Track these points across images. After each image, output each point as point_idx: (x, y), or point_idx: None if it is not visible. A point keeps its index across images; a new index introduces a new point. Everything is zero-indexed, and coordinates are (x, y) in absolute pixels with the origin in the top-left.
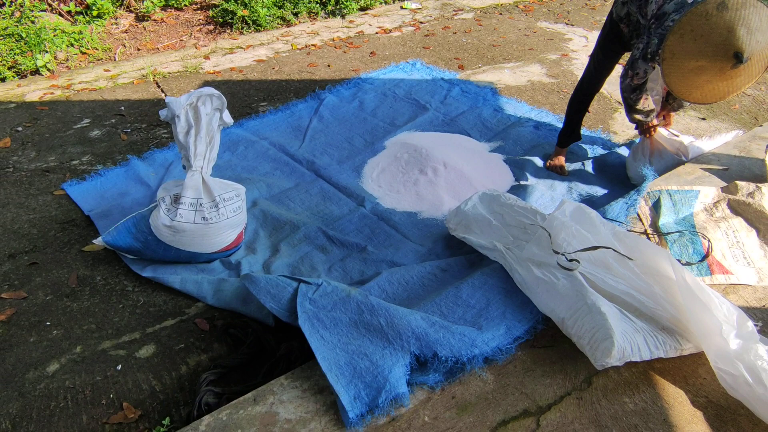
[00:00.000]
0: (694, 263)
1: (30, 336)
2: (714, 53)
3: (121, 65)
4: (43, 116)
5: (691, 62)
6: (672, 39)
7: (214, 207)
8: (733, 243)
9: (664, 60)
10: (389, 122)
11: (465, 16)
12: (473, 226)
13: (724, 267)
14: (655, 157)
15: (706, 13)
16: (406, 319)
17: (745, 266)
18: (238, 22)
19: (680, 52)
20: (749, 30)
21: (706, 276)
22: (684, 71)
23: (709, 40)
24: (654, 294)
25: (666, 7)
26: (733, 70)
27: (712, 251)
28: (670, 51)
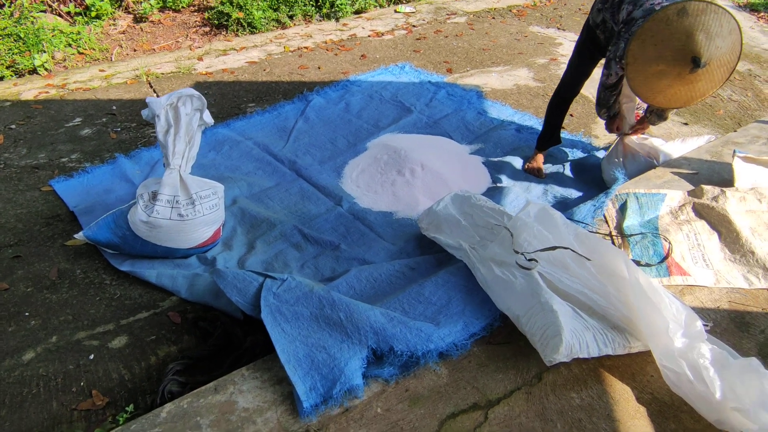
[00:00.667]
0: (654, 264)
1: (9, 326)
2: (673, 58)
3: (116, 65)
4: (37, 114)
5: (652, 66)
6: (634, 44)
7: (191, 204)
8: (694, 245)
9: (627, 64)
10: (373, 124)
11: (458, 20)
12: (444, 226)
13: (682, 268)
14: (628, 160)
15: (667, 18)
16: (366, 314)
17: (703, 268)
18: (233, 24)
19: (642, 56)
20: (708, 35)
21: (665, 277)
22: (646, 75)
23: (669, 45)
24: (607, 293)
25: (635, 13)
26: (692, 75)
27: (672, 253)
28: (633, 55)
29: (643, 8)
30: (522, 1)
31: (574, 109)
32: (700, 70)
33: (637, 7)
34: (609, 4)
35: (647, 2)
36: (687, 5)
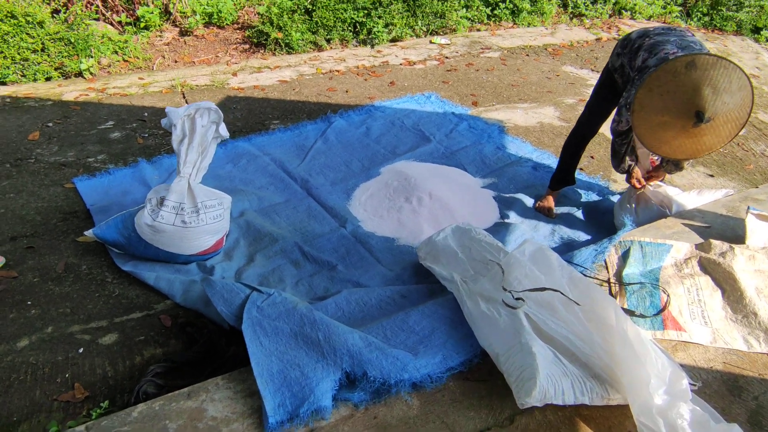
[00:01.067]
0: (648, 316)
1: (11, 312)
2: (678, 110)
3: (155, 75)
4: (74, 115)
5: (657, 116)
6: (641, 92)
7: (195, 212)
8: (694, 301)
9: (633, 112)
10: (390, 150)
11: (491, 54)
12: (441, 256)
13: (678, 323)
14: (641, 207)
15: (675, 70)
16: (344, 337)
17: (701, 325)
18: (271, 43)
19: (648, 105)
20: (715, 91)
21: (659, 330)
22: (651, 125)
23: (675, 97)
24: (592, 341)
25: (649, 61)
26: (696, 129)
27: (669, 306)
28: (639, 103)
29: (657, 57)
30: (559, 41)
31: (596, 151)
32: (705, 125)
33: (652, 55)
34: (628, 49)
35: (662, 51)
36: (696, 58)
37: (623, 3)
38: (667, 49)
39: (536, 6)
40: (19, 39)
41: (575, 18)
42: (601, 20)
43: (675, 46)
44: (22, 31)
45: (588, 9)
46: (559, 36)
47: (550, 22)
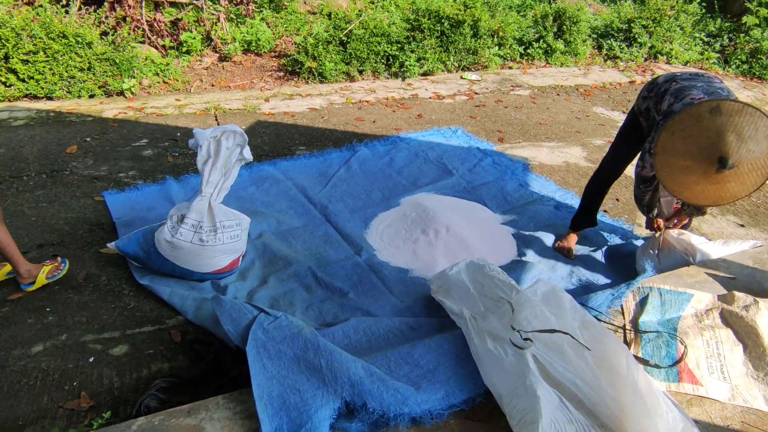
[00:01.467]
0: (663, 367)
1: (29, 318)
2: (700, 155)
3: (192, 97)
4: (111, 131)
5: (679, 161)
6: (664, 135)
7: (213, 231)
8: (713, 354)
9: (655, 154)
10: (412, 182)
11: (521, 92)
12: (453, 291)
13: (695, 377)
14: (664, 254)
15: (699, 114)
16: (346, 365)
17: (719, 380)
18: (305, 72)
19: (670, 149)
20: (740, 137)
21: (674, 382)
22: (673, 168)
23: (697, 142)
24: (600, 388)
25: (675, 106)
26: (719, 175)
27: (686, 358)
28: (662, 146)
29: (683, 102)
30: (591, 82)
31: (622, 194)
32: (728, 172)
33: (678, 100)
34: (654, 93)
35: (688, 96)
36: (722, 104)
37: (659, 47)
38: (693, 95)
39: (570, 47)
40: (68, 57)
41: (609, 60)
42: (636, 63)
43: (701, 91)
44: (71, 50)
45: (623, 52)
46: (592, 77)
47: (584, 63)
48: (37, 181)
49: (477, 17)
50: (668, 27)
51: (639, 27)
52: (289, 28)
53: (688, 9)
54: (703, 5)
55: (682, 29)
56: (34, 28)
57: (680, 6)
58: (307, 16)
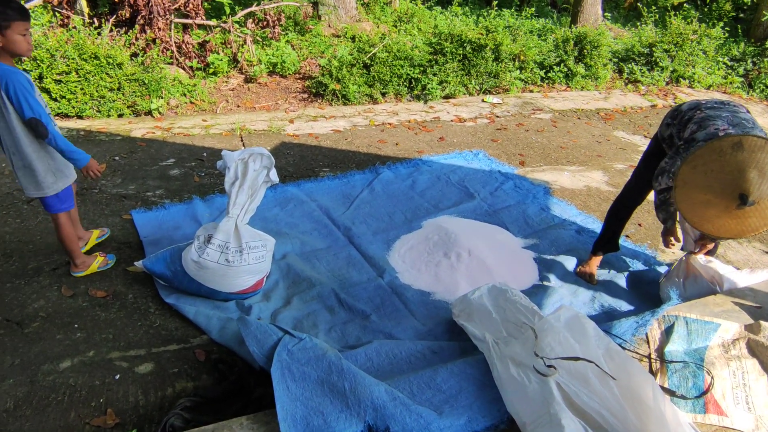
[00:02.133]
0: (690, 398)
1: (58, 333)
2: (721, 190)
3: (218, 118)
4: (139, 151)
5: (700, 195)
6: (685, 168)
7: (239, 252)
8: (739, 384)
9: (676, 186)
10: (434, 204)
11: (542, 116)
12: (475, 315)
13: (720, 408)
14: (689, 282)
15: (721, 149)
16: (370, 389)
17: (744, 411)
18: (329, 94)
19: (691, 182)
20: (762, 174)
21: (700, 414)
22: (694, 202)
23: (718, 177)
24: (627, 419)
25: (698, 134)
26: (739, 211)
27: (713, 389)
28: (683, 180)
29: (706, 131)
30: (612, 106)
31: (644, 219)
32: (750, 208)
33: (702, 129)
34: (678, 120)
35: (712, 126)
36: (744, 139)
37: (681, 71)
38: (717, 125)
39: (591, 71)
40: (99, 78)
41: (630, 84)
42: (658, 87)
43: (726, 122)
44: (102, 70)
45: (644, 76)
46: (613, 101)
47: (604, 87)
48: None
49: (498, 41)
50: (690, 51)
51: (660, 51)
52: (314, 51)
53: (711, 33)
54: (727, 29)
55: (705, 53)
56: (68, 49)
57: (703, 30)
58: (332, 39)
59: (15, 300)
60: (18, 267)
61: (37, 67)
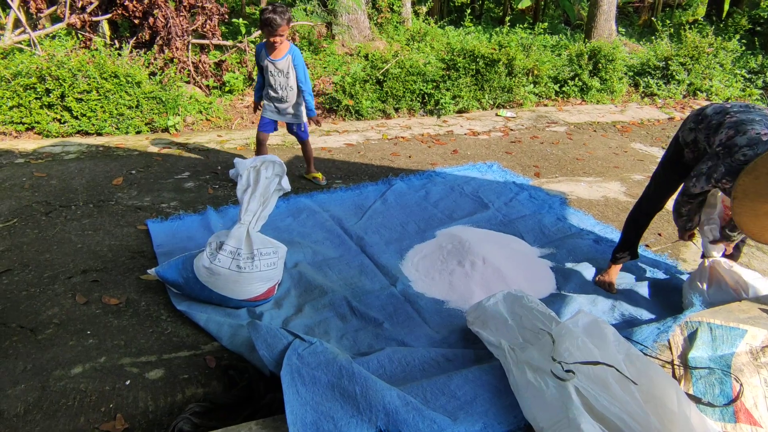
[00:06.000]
0: (718, 406)
1: (71, 339)
2: None
3: (233, 133)
4: (155, 165)
5: (765, 205)
6: (746, 179)
7: (250, 259)
8: None
9: (735, 198)
10: (448, 215)
11: (557, 129)
12: (490, 322)
13: (753, 417)
14: (713, 288)
15: None
16: (381, 393)
17: None
18: (342, 109)
19: (753, 193)
20: None
21: (730, 423)
22: (757, 213)
23: None
24: (649, 425)
25: (737, 139)
26: None
27: (742, 397)
28: (743, 190)
29: (747, 136)
30: (628, 119)
31: (664, 228)
32: None
33: (740, 133)
34: (704, 125)
35: (752, 131)
36: None
37: (698, 84)
38: (758, 129)
39: (606, 84)
40: (118, 96)
41: (647, 97)
42: (675, 100)
43: (764, 126)
44: (122, 89)
45: (660, 89)
46: (629, 114)
47: (620, 101)
48: (85, 211)
49: (512, 56)
50: (707, 64)
51: (676, 64)
52: (328, 69)
53: (727, 46)
54: (743, 42)
55: (722, 66)
56: (89, 68)
57: (719, 43)
58: (345, 57)
59: (30, 307)
60: (34, 276)
61: (59, 86)
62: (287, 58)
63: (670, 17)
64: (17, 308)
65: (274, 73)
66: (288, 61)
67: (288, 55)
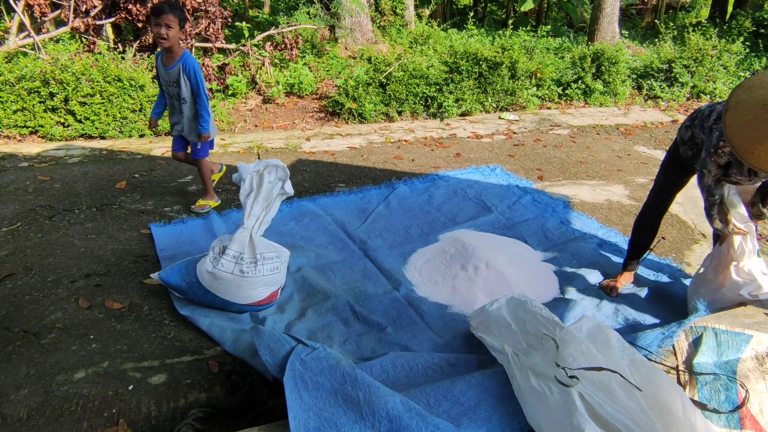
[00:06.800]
0: (723, 412)
1: (74, 344)
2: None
3: (236, 137)
4: (158, 168)
5: (756, 107)
6: (739, 91)
7: (253, 263)
8: None
9: (728, 111)
10: (451, 218)
11: (560, 132)
12: (493, 327)
13: (759, 424)
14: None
15: None
16: (384, 399)
17: None
18: (345, 113)
19: (746, 99)
20: None
21: (735, 429)
22: (748, 118)
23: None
24: (654, 431)
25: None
26: None
27: (748, 403)
28: (737, 99)
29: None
30: (632, 121)
31: (669, 232)
32: None
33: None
34: (698, 120)
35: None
36: None
37: (702, 87)
38: None
39: (609, 87)
40: (121, 99)
41: (650, 100)
42: (678, 103)
43: None
44: (125, 92)
45: (664, 92)
46: (633, 117)
47: (624, 104)
48: (88, 214)
49: (515, 59)
50: (711, 66)
51: (680, 67)
52: (331, 72)
53: (731, 48)
54: (747, 44)
55: (726, 68)
56: (93, 72)
57: (723, 46)
58: (348, 60)
59: (33, 312)
60: (37, 280)
61: (63, 89)
62: (178, 66)
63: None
64: (21, 312)
65: (168, 83)
66: (179, 70)
67: (179, 63)
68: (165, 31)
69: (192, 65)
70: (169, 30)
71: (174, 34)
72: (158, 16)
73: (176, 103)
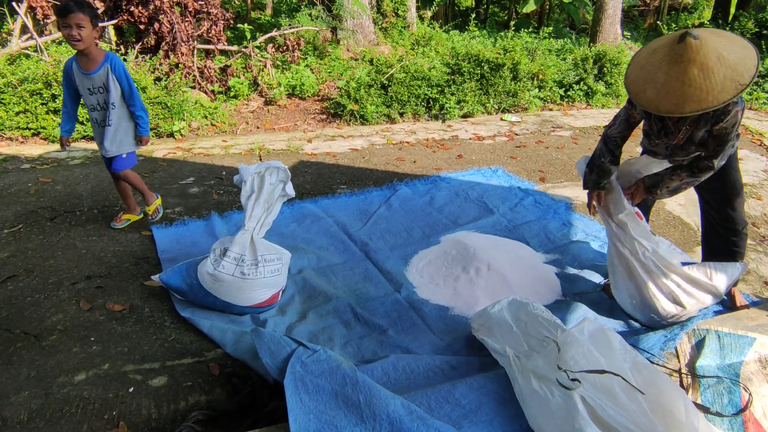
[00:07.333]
0: (726, 415)
1: (74, 346)
2: (669, 39)
3: (238, 138)
4: (160, 170)
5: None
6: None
7: (254, 265)
8: None
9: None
10: (452, 220)
11: (562, 133)
12: (495, 329)
13: (762, 428)
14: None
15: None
16: (385, 402)
17: None
18: (347, 114)
19: (641, 51)
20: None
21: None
22: (641, 62)
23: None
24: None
25: None
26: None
27: (752, 406)
28: (636, 53)
29: None
30: None
31: (671, 234)
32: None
33: None
34: None
35: None
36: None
37: None
38: None
39: (611, 89)
40: None
41: None
42: None
43: None
44: None
45: None
46: None
47: None
48: (89, 216)
49: (516, 61)
50: None
51: None
52: (333, 74)
53: None
54: None
55: None
56: None
57: None
58: (350, 62)
59: (34, 313)
60: (38, 282)
61: None
62: (105, 68)
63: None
64: (22, 314)
65: (91, 90)
66: (106, 72)
67: (105, 64)
68: (77, 32)
69: (121, 65)
70: (81, 30)
71: (88, 34)
72: (65, 16)
73: (100, 114)
